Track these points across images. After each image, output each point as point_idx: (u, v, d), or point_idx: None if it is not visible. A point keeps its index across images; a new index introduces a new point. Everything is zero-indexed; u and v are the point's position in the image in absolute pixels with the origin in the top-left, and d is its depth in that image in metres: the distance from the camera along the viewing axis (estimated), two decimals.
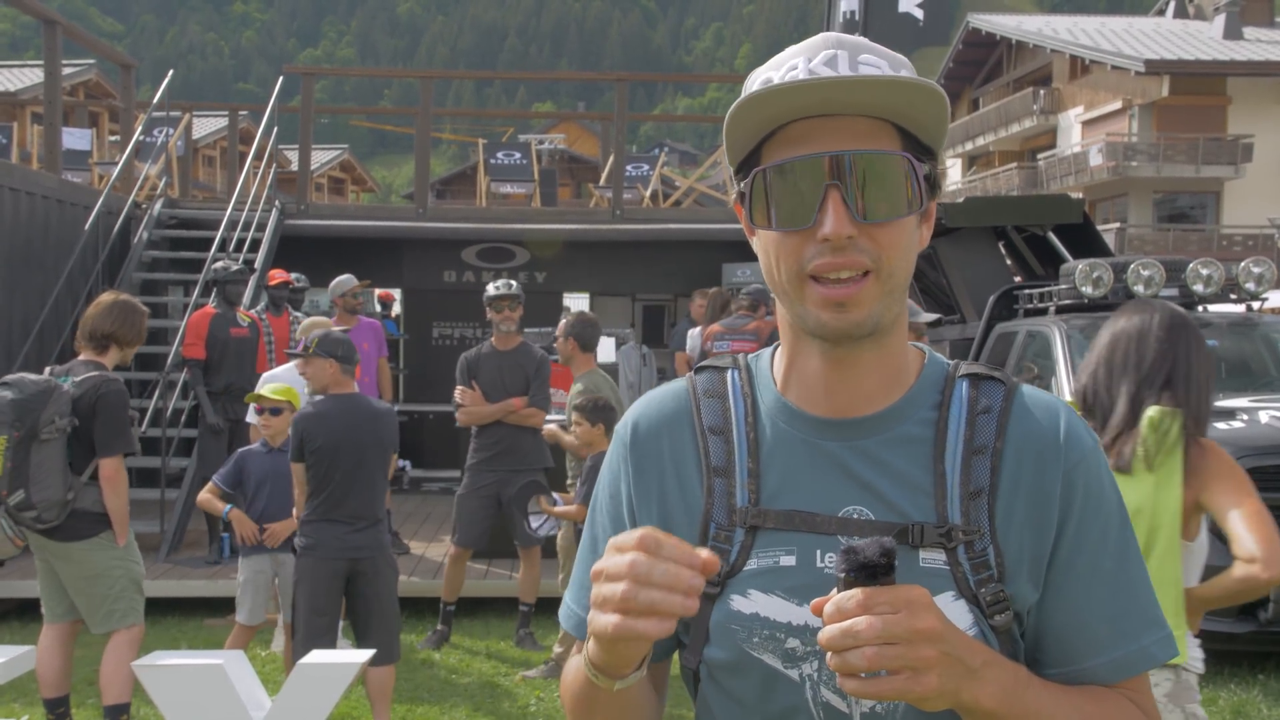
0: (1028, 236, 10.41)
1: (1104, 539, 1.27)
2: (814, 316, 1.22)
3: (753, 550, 1.27)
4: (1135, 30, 37.74)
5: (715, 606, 1.27)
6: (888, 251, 1.21)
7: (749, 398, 1.34)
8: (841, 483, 1.26)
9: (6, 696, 6.01)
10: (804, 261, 1.21)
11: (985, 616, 1.22)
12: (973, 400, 1.29)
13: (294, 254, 11.01)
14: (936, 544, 1.23)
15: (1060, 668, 1.27)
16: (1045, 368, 7.95)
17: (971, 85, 46.30)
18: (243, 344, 8.48)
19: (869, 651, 1.05)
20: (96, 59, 24.79)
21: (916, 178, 1.23)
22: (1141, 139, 35.01)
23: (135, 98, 13.09)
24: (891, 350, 1.29)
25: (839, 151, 1.20)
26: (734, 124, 1.22)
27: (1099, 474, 1.28)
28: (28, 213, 9.59)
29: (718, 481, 1.30)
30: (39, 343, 9.40)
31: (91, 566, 5.04)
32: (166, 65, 18.92)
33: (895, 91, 1.19)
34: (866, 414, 1.29)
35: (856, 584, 1.07)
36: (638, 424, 1.39)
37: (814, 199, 1.19)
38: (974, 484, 1.24)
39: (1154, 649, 1.27)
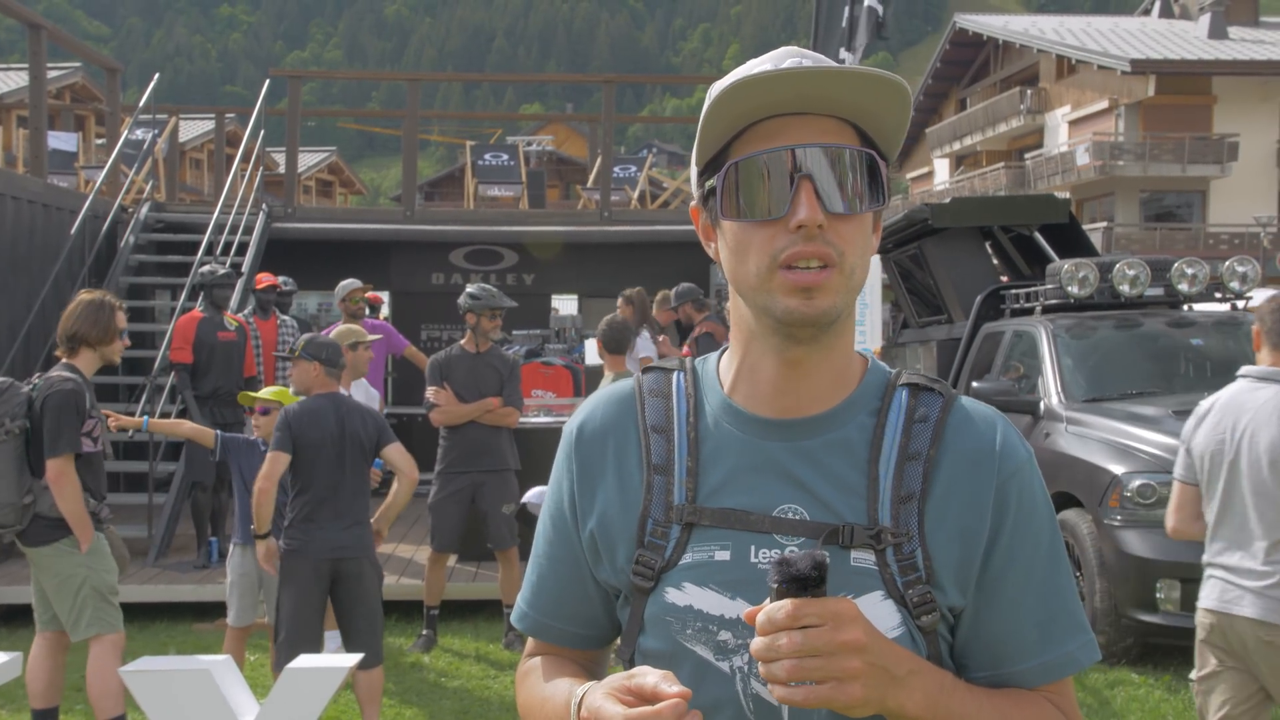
0: (1014, 236, 10.45)
1: (1036, 548, 1.31)
2: (782, 305, 1.25)
3: (688, 546, 1.30)
4: (1121, 30, 37.89)
5: (650, 599, 1.31)
6: (849, 245, 1.25)
7: (692, 398, 1.37)
8: (779, 482, 1.30)
9: None
10: (776, 251, 1.24)
11: (912, 617, 1.26)
12: (911, 408, 1.33)
13: (281, 257, 10.99)
14: (866, 545, 1.26)
15: (988, 671, 1.32)
16: (1031, 367, 7.98)
17: (959, 85, 46.40)
18: (230, 348, 8.47)
19: (788, 664, 1.11)
20: (82, 62, 24.71)
21: (882, 176, 1.28)
22: (1128, 138, 35.13)
23: (121, 101, 13.06)
24: (839, 353, 1.33)
25: (813, 144, 1.24)
26: (712, 118, 1.25)
27: (1032, 485, 1.33)
28: (13, 217, 9.57)
29: (657, 479, 1.33)
30: (25, 348, 9.37)
31: (54, 573, 4.99)
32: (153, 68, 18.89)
33: (867, 87, 1.23)
34: (808, 415, 1.32)
35: (788, 595, 1.12)
36: (584, 425, 1.42)
37: (787, 189, 1.23)
38: (905, 489, 1.28)
39: (1079, 654, 1.32)
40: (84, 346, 5.11)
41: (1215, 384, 7.63)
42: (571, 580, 1.41)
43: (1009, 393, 7.65)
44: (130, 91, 22.52)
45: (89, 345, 5.12)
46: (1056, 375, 7.60)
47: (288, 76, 12.65)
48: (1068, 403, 7.38)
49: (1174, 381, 7.84)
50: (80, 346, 5.11)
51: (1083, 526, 6.58)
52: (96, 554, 5.06)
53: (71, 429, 4.97)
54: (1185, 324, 8.17)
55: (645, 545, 1.32)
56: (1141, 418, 6.88)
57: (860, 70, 1.22)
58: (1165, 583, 6.19)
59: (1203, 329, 8.18)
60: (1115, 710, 5.80)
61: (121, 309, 5.30)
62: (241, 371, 8.52)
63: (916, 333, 11.02)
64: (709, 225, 1.35)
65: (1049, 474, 7.11)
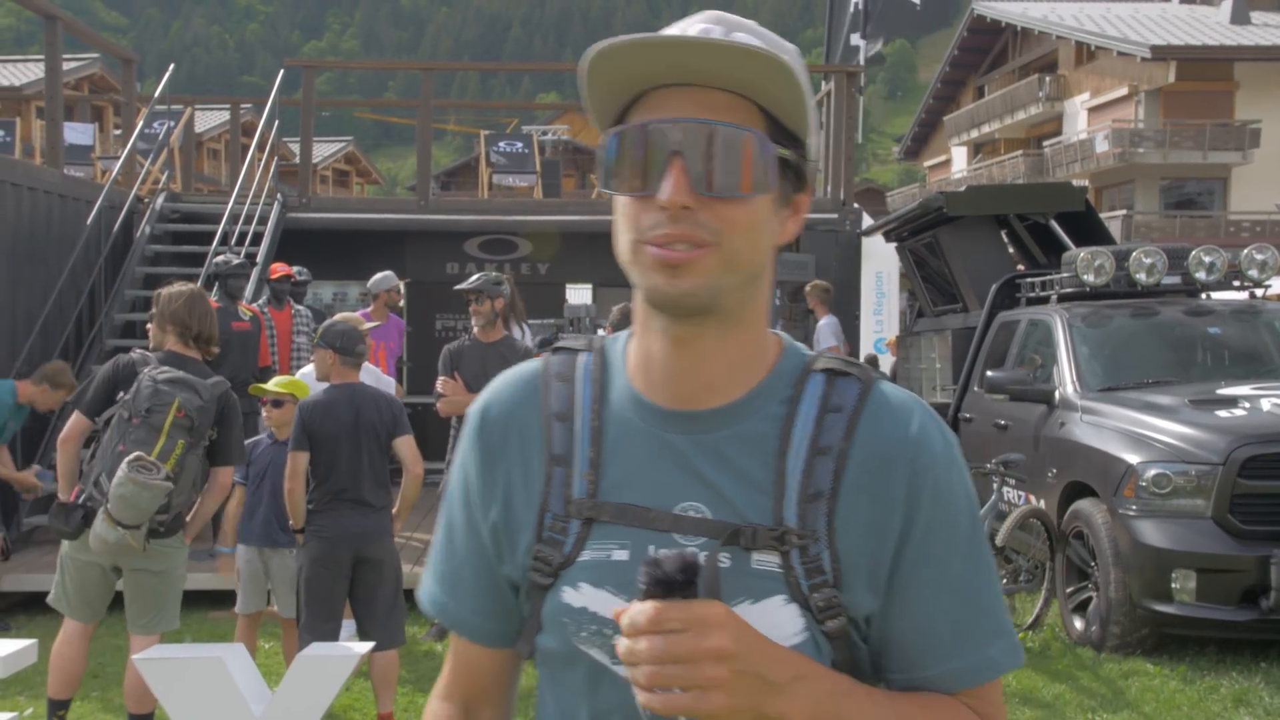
0: (1030, 224, 10.40)
1: (952, 545, 1.22)
2: (648, 281, 1.17)
3: (587, 542, 1.23)
4: (1141, 15, 37.59)
5: (548, 597, 1.24)
6: (729, 228, 1.15)
7: (598, 383, 1.29)
8: (681, 477, 1.22)
9: (11, 689, 6.04)
10: (643, 229, 1.16)
11: (817, 622, 1.19)
12: (825, 397, 1.24)
13: (296, 247, 11.01)
14: (769, 546, 1.18)
15: (904, 674, 1.24)
16: (1046, 356, 7.94)
17: (976, 73, 46.16)
18: (245, 338, 8.49)
19: (648, 670, 1.06)
20: (99, 53, 24.79)
21: (767, 159, 1.17)
22: (1148, 125, 34.89)
23: (137, 92, 13.10)
24: (738, 340, 1.24)
25: (687, 119, 1.15)
26: (588, 78, 1.18)
27: (949, 477, 1.23)
28: (30, 208, 9.61)
29: (557, 470, 1.26)
30: (43, 337, 9.41)
31: (165, 563, 5.00)
32: (171, 58, 18.96)
33: (744, 62, 1.13)
34: (712, 406, 1.23)
35: (655, 597, 1.07)
36: (487, 409, 1.35)
37: (658, 165, 1.15)
38: (814, 486, 1.20)
39: (999, 658, 1.23)
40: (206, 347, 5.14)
41: (1233, 373, 7.64)
42: (485, 571, 1.33)
43: (1023, 381, 7.61)
44: (148, 82, 22.57)
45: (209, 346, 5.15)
46: (1072, 364, 7.56)
47: (302, 66, 12.65)
48: (1083, 392, 7.34)
49: (1191, 371, 7.80)
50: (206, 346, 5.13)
51: (1097, 516, 6.56)
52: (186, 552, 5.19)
53: (243, 437, 5.14)
54: (1203, 313, 8.11)
55: (543, 540, 1.24)
56: (1158, 407, 6.84)
57: (719, 43, 1.12)
58: (1180, 573, 6.16)
59: (1221, 318, 8.13)
60: (1130, 701, 5.78)
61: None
62: (256, 361, 8.54)
63: (932, 322, 10.98)
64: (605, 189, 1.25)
65: (1064, 463, 7.09)
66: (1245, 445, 6.21)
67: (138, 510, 4.71)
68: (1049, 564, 7.01)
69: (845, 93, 12.16)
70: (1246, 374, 7.56)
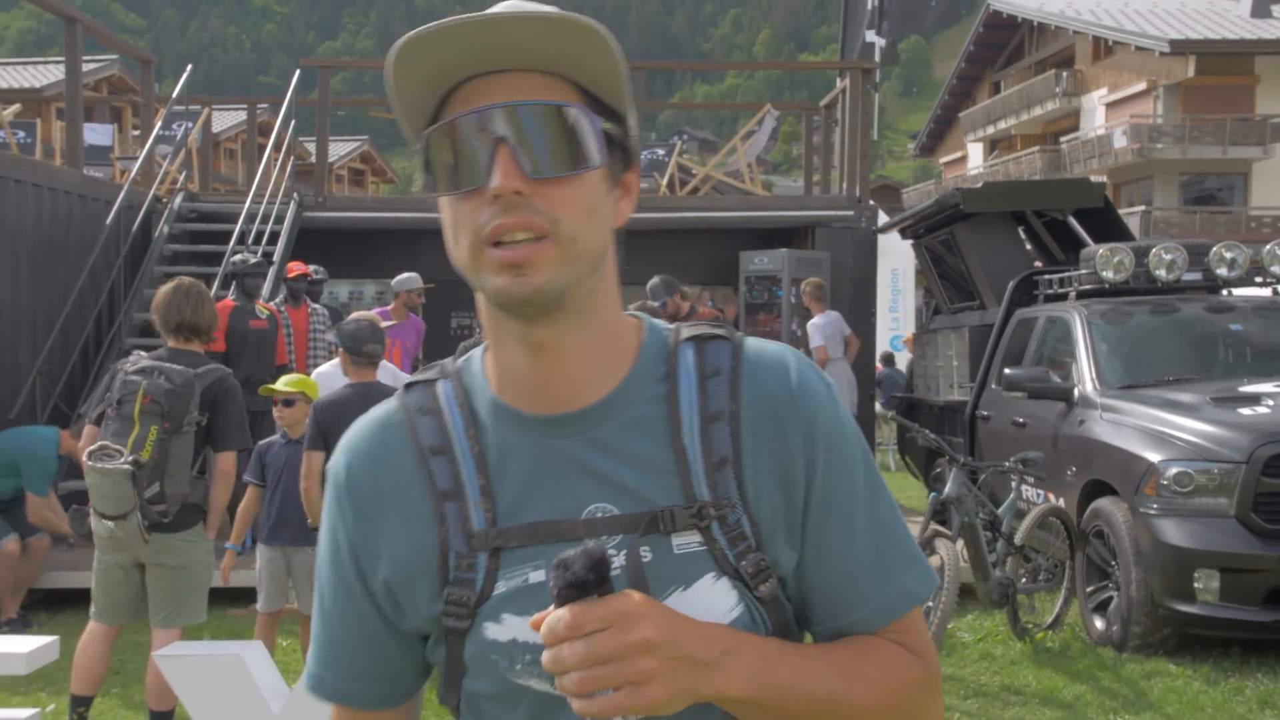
0: (1048, 221, 10.35)
1: (853, 485, 1.22)
2: (493, 284, 1.12)
3: (499, 573, 1.17)
4: (1160, 10, 37.39)
5: (468, 639, 1.19)
6: (565, 212, 1.11)
7: (465, 407, 1.24)
8: (580, 482, 1.18)
9: (34, 685, 6.06)
10: (479, 225, 1.11)
11: (750, 589, 1.17)
12: (700, 365, 1.22)
13: (312, 246, 11.04)
14: (689, 525, 1.16)
15: (829, 623, 1.23)
16: (1065, 353, 7.90)
17: (992, 68, 46.01)
18: (262, 336, 8.52)
19: (577, 676, 1.02)
20: (118, 55, 24.90)
21: (593, 132, 1.14)
22: (1167, 120, 34.71)
23: (155, 92, 13.15)
24: (599, 331, 1.20)
25: (502, 104, 1.11)
26: (394, 80, 1.13)
27: (838, 419, 1.22)
28: (50, 208, 9.65)
29: (449, 506, 1.19)
30: (63, 336, 9.46)
31: (180, 557, 5.01)
32: (188, 59, 19.03)
33: (555, 34, 1.10)
34: (591, 403, 1.20)
35: (568, 601, 1.03)
36: (350, 463, 1.27)
37: (483, 156, 1.11)
38: (717, 454, 1.18)
39: (914, 587, 1.23)
40: (195, 337, 5.15)
41: (1255, 370, 7.58)
42: (366, 638, 1.26)
43: (1042, 379, 7.57)
44: (165, 83, 22.67)
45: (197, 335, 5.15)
46: (1091, 361, 7.52)
47: (318, 66, 12.68)
48: (1102, 389, 7.30)
49: (1212, 368, 7.75)
50: (192, 336, 5.14)
51: (1118, 515, 6.51)
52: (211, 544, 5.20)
53: (245, 423, 5.13)
54: (1224, 309, 8.06)
55: (453, 581, 1.18)
56: (1179, 405, 6.79)
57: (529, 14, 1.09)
58: (1203, 572, 6.12)
59: (1242, 314, 8.07)
60: (1152, 702, 5.74)
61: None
62: (273, 360, 8.57)
63: (949, 319, 10.94)
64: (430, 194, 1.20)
65: (1084, 461, 7.05)
66: (1269, 443, 6.16)
67: (110, 499, 4.76)
68: (1069, 563, 6.97)
69: (860, 89, 12.12)
70: (1269, 371, 7.50)
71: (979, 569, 6.48)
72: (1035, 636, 6.71)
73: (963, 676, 6.16)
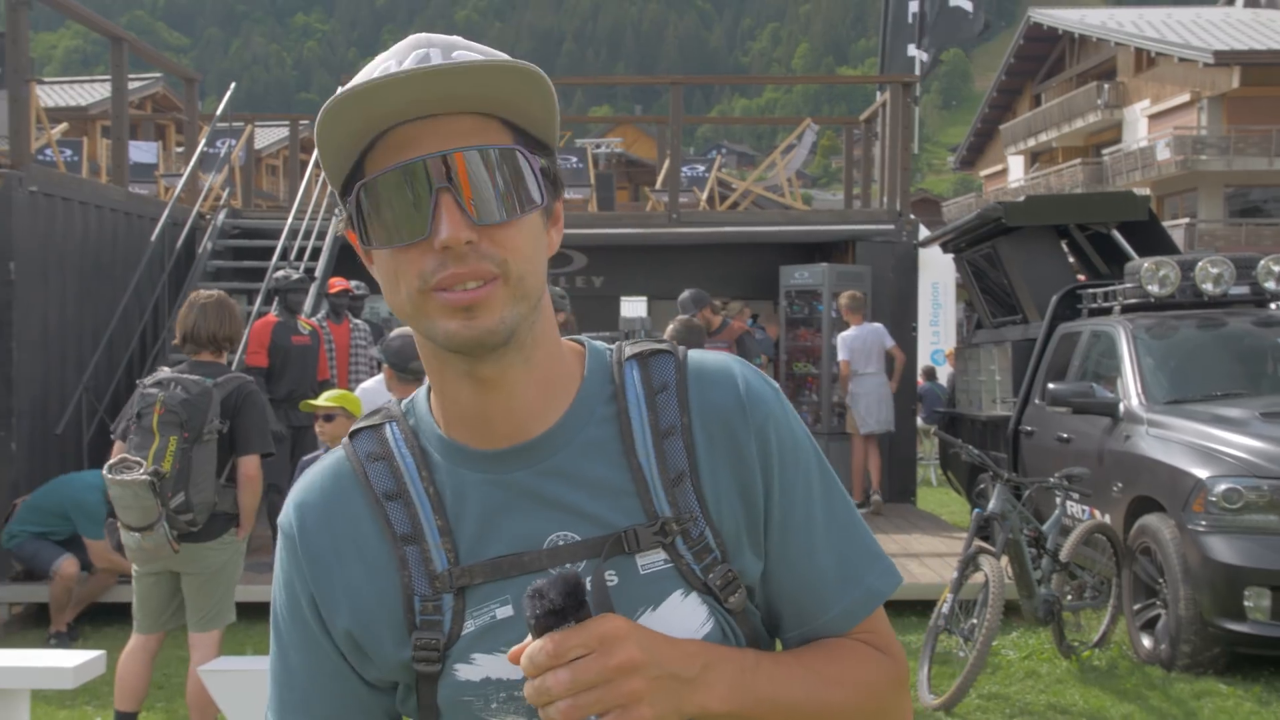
0: (1091, 234, 10.26)
1: (809, 488, 1.22)
2: (441, 329, 1.11)
3: (466, 612, 1.17)
4: (1204, 21, 37.06)
5: (440, 683, 1.18)
6: (512, 255, 1.11)
7: (415, 449, 1.22)
8: (539, 512, 1.17)
9: (79, 699, 6.12)
10: (425, 274, 1.10)
11: (720, 602, 1.17)
12: (646, 381, 1.22)
13: (354, 262, 11.06)
14: (654, 544, 1.15)
15: (798, 629, 1.23)
16: (1110, 368, 7.82)
17: (1033, 80, 45.75)
18: (304, 351, 8.58)
19: (564, 705, 1.00)
20: (162, 73, 25.21)
21: (533, 171, 1.14)
22: (1211, 132, 34.36)
23: (199, 110, 13.29)
24: (542, 362, 1.19)
25: (443, 151, 1.09)
26: (323, 138, 1.10)
27: (788, 422, 1.23)
28: (97, 226, 9.78)
29: (409, 549, 1.18)
30: (109, 352, 9.57)
31: (213, 563, 5.08)
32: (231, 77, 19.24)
33: (489, 79, 1.09)
34: (541, 432, 1.19)
35: (547, 629, 1.02)
36: (302, 514, 1.24)
37: (425, 207, 1.09)
38: (673, 469, 1.18)
39: (878, 584, 1.24)
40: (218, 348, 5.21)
41: None
42: (339, 691, 1.24)
43: (1086, 394, 7.50)
44: (209, 100, 22.90)
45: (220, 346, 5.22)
46: (1137, 376, 7.44)
47: None
48: (1149, 405, 7.22)
49: (1261, 383, 7.64)
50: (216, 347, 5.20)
51: (1165, 532, 6.43)
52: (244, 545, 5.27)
53: (268, 430, 5.18)
54: (1272, 323, 7.95)
55: (420, 625, 1.17)
56: (1227, 420, 6.70)
57: (474, 64, 1.07)
58: (1254, 590, 6.02)
59: None
60: None
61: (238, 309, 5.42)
62: (315, 375, 8.63)
63: (991, 333, 10.86)
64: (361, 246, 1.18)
65: (1129, 478, 6.97)
66: None
67: (134, 510, 4.82)
68: (1115, 580, 6.89)
69: (900, 103, 12.07)
70: None
71: (1024, 586, 6.41)
72: (1081, 655, 6.63)
73: (1008, 695, 6.09)
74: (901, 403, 11.34)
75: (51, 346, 8.95)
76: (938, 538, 9.61)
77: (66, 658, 3.75)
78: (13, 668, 3.66)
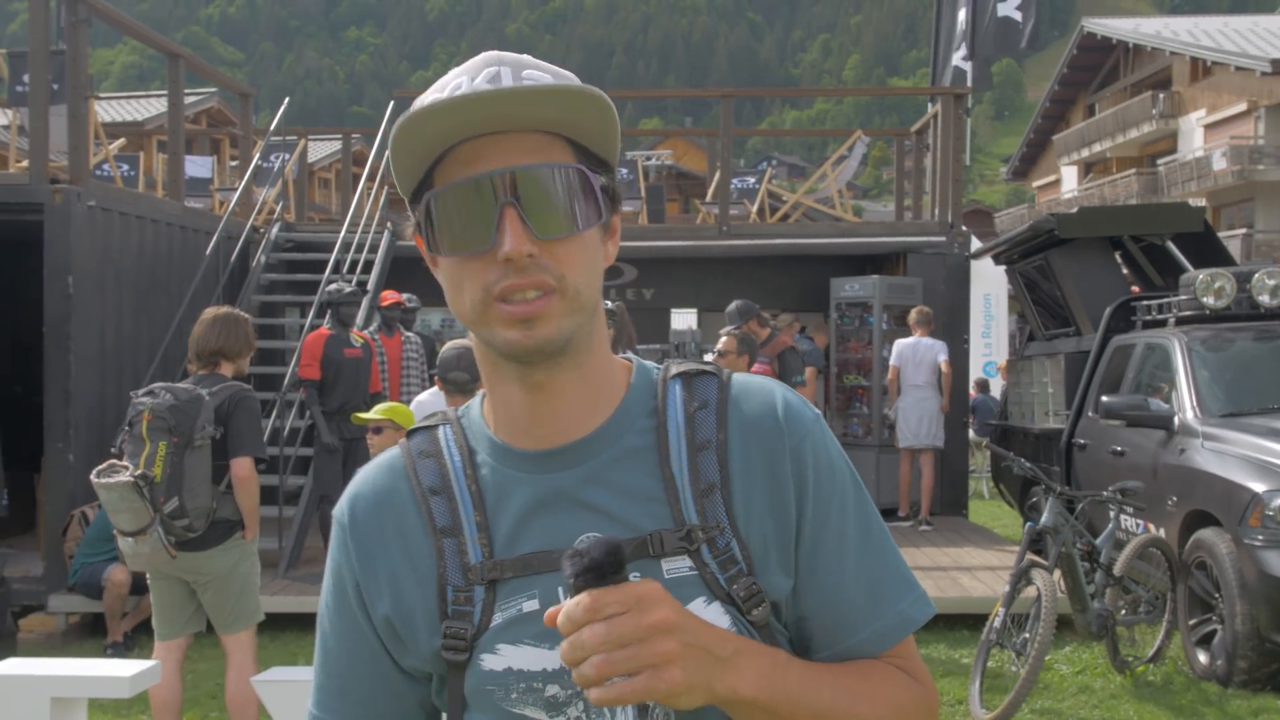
0: (1145, 246, 10.14)
1: (844, 510, 1.25)
2: (502, 337, 1.18)
3: (495, 605, 1.22)
4: (1261, 29, 36.52)
5: (467, 673, 1.22)
6: (570, 269, 1.18)
7: (464, 449, 1.29)
8: (574, 513, 1.22)
9: (135, 708, 6.20)
10: (489, 284, 1.17)
11: (743, 614, 1.20)
12: (687, 399, 1.27)
13: (405, 274, 11.20)
14: (679, 549, 1.19)
15: (828, 649, 1.25)
16: (1165, 380, 7.72)
17: (1087, 90, 45.30)
18: (357, 364, 8.65)
19: (597, 659, 1.02)
20: (217, 88, 25.57)
21: (594, 189, 1.20)
22: (1269, 141, 33.85)
23: (253, 124, 13.47)
24: (593, 371, 1.25)
25: (509, 168, 1.16)
26: (397, 150, 1.17)
27: (826, 445, 1.27)
28: (153, 240, 9.92)
29: (447, 542, 1.24)
30: (163, 365, 9.69)
31: (221, 568, 5.13)
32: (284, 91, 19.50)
33: (558, 101, 1.16)
34: (582, 436, 1.24)
35: (585, 588, 1.04)
36: (354, 505, 1.31)
37: (490, 219, 1.16)
38: (704, 481, 1.22)
39: (911, 611, 1.26)
40: (224, 360, 5.30)
41: None
42: (378, 677, 1.29)
43: (1140, 407, 7.41)
44: (262, 114, 23.21)
45: (228, 358, 5.30)
46: (1192, 389, 7.34)
47: (410, 98, 12.86)
48: (1204, 418, 7.12)
49: None
50: (221, 360, 5.29)
51: (1221, 546, 6.33)
52: (255, 544, 5.32)
53: (260, 434, 5.26)
54: None
55: (451, 615, 1.22)
56: None
57: (542, 88, 1.15)
58: None
59: None
60: None
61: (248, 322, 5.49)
62: (367, 387, 8.70)
63: (1043, 345, 10.76)
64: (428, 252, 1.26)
65: (1184, 491, 6.87)
66: None
67: (124, 515, 4.92)
68: (1170, 595, 6.79)
69: (952, 114, 12.01)
70: None
71: (1077, 600, 6.34)
72: (1136, 670, 6.54)
73: (1061, 710, 6.02)
74: (953, 416, 11.25)
75: (109, 360, 9.09)
76: (990, 551, 9.52)
77: (123, 667, 3.80)
78: (70, 676, 3.72)
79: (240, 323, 5.37)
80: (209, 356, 5.28)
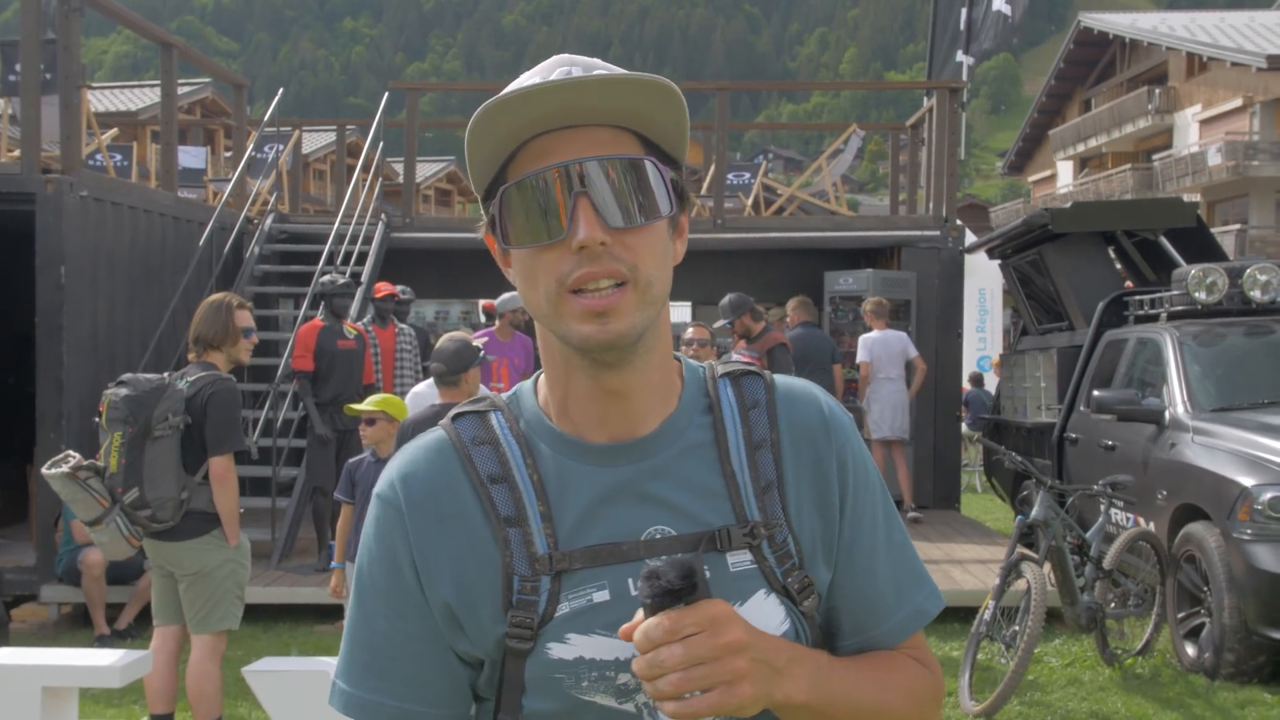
0: (1138, 241, 10.16)
1: (874, 511, 1.34)
2: (576, 332, 1.20)
3: (561, 595, 1.23)
4: (1257, 25, 36.57)
5: (530, 660, 1.23)
6: (642, 259, 1.20)
7: (522, 438, 1.29)
8: (639, 506, 1.25)
9: (127, 698, 6.21)
10: (563, 275, 1.19)
11: (796, 605, 1.27)
12: (739, 397, 1.32)
13: (400, 266, 11.20)
14: (743, 544, 1.25)
15: (854, 637, 1.33)
16: (1156, 375, 7.74)
17: (1083, 86, 45.31)
18: (350, 356, 8.65)
19: (675, 678, 1.09)
20: (211, 78, 25.51)
21: (664, 182, 1.23)
22: (1263, 137, 33.89)
23: (248, 115, 13.45)
24: (657, 367, 1.29)
25: (583, 159, 1.19)
26: (473, 143, 1.20)
27: (860, 450, 1.35)
28: (146, 230, 9.91)
29: (512, 532, 1.24)
30: (156, 355, 9.69)
31: (198, 564, 5.09)
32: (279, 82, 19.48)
33: (632, 92, 1.19)
34: (648, 432, 1.28)
35: (661, 609, 1.10)
36: (408, 486, 1.29)
37: (565, 209, 1.19)
38: (763, 478, 1.28)
39: (926, 605, 1.36)
40: (210, 348, 5.24)
41: None
42: (433, 659, 1.28)
43: (1132, 401, 7.43)
44: (257, 105, 23.20)
45: (214, 347, 5.24)
46: (1183, 384, 7.37)
47: (406, 89, 12.89)
48: (1194, 412, 7.14)
49: None
50: (207, 348, 5.24)
51: (1210, 540, 6.36)
52: (242, 549, 5.25)
53: (236, 427, 5.20)
54: None
55: (516, 604, 1.22)
56: (1274, 428, 6.62)
57: (617, 76, 1.18)
58: None
59: None
60: None
61: (243, 308, 5.37)
62: (361, 379, 8.70)
63: (1036, 340, 10.78)
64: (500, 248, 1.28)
65: (1174, 485, 6.90)
66: None
67: (76, 504, 4.95)
68: (1159, 588, 6.82)
69: (948, 108, 12.02)
70: None
71: (1067, 593, 6.37)
72: (1125, 662, 6.57)
73: (1049, 702, 6.05)
74: (944, 408, 11.26)
75: (101, 350, 9.08)
76: (981, 544, 9.55)
77: (114, 657, 3.81)
78: (61, 666, 3.73)
79: (220, 310, 5.26)
80: (193, 344, 5.28)
